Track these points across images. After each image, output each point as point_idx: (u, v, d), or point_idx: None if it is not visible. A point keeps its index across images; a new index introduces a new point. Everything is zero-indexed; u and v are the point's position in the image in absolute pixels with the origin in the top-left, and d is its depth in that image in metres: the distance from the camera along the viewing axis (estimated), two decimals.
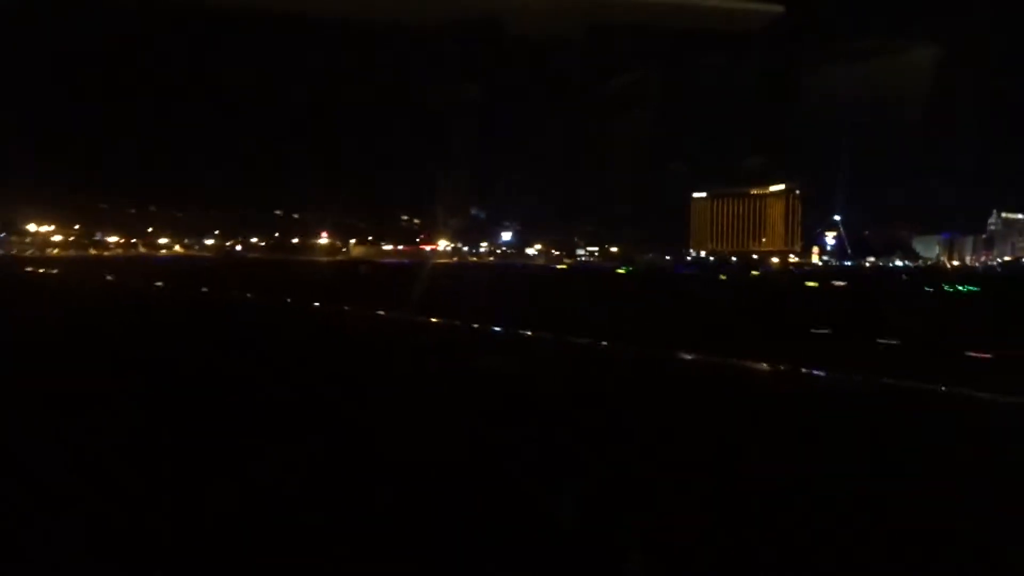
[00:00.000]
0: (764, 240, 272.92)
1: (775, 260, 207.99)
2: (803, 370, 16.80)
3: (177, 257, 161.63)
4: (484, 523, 6.77)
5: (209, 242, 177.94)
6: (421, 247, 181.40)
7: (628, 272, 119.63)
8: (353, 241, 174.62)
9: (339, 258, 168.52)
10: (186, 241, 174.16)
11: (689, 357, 19.27)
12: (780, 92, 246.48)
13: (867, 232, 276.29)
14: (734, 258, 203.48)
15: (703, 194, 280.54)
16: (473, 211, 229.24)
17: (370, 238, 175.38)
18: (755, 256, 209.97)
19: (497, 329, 24.73)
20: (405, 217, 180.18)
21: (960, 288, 70.93)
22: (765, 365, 17.74)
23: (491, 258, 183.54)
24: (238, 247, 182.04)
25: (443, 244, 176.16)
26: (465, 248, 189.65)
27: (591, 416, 11.80)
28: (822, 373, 16.68)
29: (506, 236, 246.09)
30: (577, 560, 5.89)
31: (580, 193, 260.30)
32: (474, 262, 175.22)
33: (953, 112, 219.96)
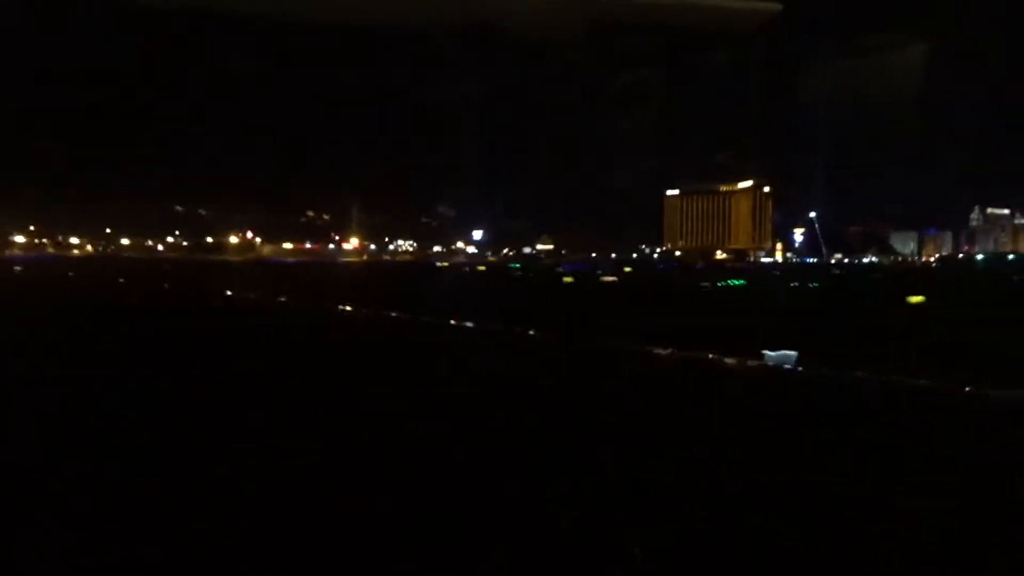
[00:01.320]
0: (731, 237, 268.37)
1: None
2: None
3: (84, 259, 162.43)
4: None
5: (126, 241, 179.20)
6: (342, 245, 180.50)
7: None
8: (259, 240, 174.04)
9: (250, 256, 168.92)
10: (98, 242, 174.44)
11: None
12: (768, 91, 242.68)
13: (853, 228, 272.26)
14: (656, 255, 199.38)
15: (675, 191, 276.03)
16: (442, 209, 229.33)
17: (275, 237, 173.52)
18: (677, 252, 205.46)
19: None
20: (311, 213, 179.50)
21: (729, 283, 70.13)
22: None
23: (407, 256, 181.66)
24: (159, 247, 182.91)
25: (354, 242, 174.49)
26: (407, 246, 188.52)
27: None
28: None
29: (477, 235, 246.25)
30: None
31: (554, 192, 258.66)
32: (387, 260, 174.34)
33: (939, 110, 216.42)
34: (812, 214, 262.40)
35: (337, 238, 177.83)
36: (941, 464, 8.38)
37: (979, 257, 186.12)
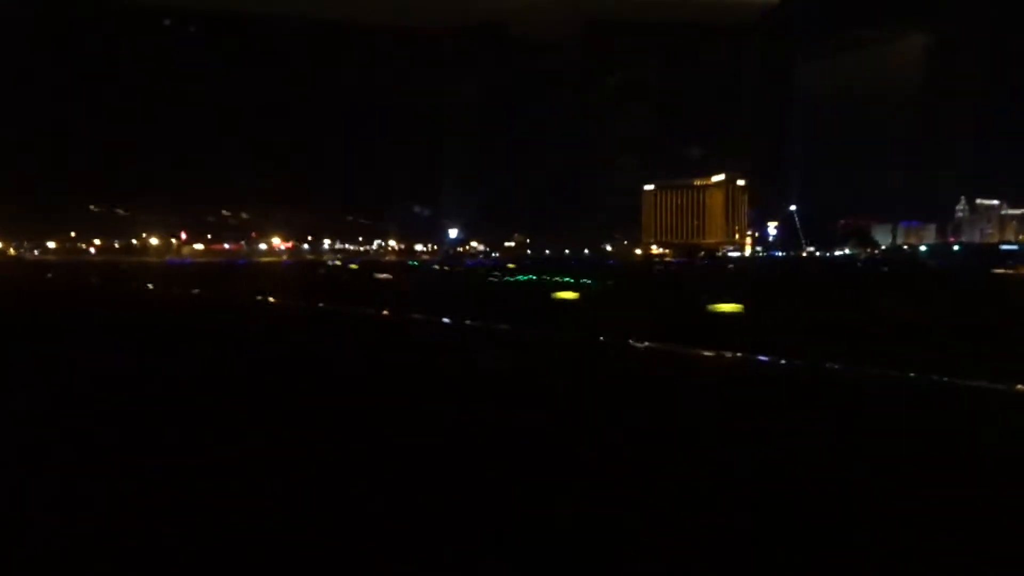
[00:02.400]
0: (705, 231, 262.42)
1: (638, 252, 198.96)
2: None
3: None
4: None
5: (52, 244, 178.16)
6: (261, 245, 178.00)
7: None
8: (175, 242, 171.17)
9: (166, 257, 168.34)
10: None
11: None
12: (759, 84, 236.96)
13: (842, 222, 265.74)
14: (587, 251, 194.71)
15: (651, 186, 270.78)
16: (416, 209, 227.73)
17: (184, 237, 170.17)
18: (609, 248, 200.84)
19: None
20: (226, 212, 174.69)
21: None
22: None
23: (335, 256, 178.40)
24: (91, 249, 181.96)
25: (276, 241, 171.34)
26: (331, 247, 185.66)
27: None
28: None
29: (452, 234, 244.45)
30: None
31: (538, 191, 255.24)
32: (305, 259, 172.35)
33: (927, 103, 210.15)
34: (792, 207, 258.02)
35: (255, 236, 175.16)
36: (933, 460, 8.19)
37: (922, 248, 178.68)
